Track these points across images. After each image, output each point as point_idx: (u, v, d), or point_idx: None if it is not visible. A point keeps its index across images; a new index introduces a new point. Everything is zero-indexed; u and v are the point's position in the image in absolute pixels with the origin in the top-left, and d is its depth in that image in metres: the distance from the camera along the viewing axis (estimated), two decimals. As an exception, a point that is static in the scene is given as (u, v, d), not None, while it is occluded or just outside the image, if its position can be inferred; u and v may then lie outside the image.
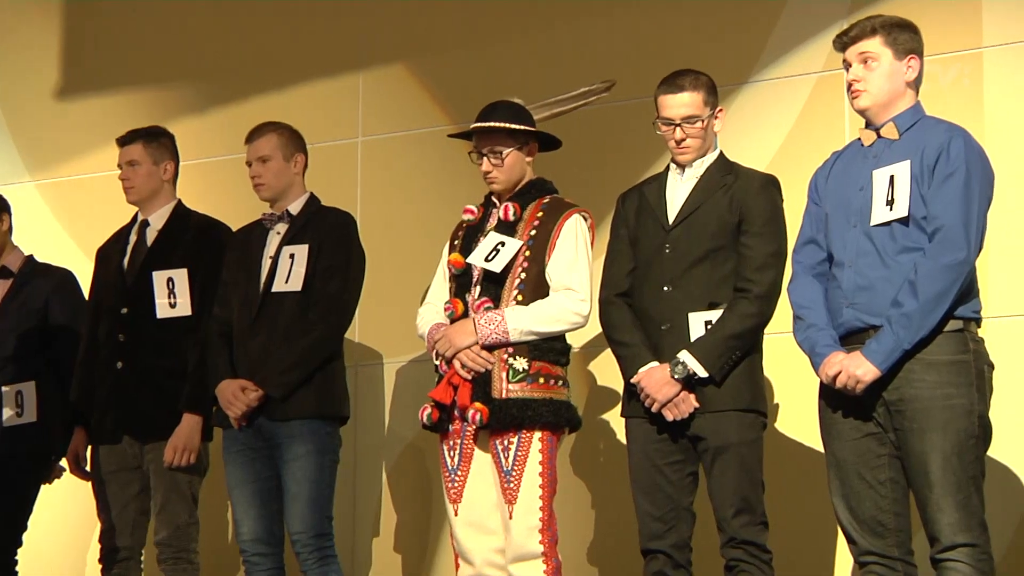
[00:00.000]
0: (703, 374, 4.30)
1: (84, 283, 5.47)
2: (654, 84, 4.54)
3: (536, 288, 4.54)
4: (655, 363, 4.36)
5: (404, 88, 6.07)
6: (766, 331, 4.41)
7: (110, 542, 5.16)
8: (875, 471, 4.01)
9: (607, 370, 5.24)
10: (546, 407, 4.48)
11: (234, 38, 6.42)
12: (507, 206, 4.62)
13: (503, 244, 4.56)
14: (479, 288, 4.59)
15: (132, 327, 5.14)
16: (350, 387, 5.07)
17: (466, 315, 4.57)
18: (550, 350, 4.54)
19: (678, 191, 4.51)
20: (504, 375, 4.49)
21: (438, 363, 4.62)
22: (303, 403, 4.85)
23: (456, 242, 4.72)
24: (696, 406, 4.32)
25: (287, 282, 4.92)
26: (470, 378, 4.51)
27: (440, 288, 4.73)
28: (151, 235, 5.28)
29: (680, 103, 4.46)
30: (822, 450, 4.16)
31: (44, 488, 5.41)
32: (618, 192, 4.67)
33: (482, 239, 4.62)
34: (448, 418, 4.58)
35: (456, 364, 4.53)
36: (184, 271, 5.14)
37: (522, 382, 4.49)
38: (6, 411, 5.27)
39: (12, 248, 5.54)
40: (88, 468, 5.27)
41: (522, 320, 4.48)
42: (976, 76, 5.11)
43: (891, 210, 4.01)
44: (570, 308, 4.51)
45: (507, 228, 4.60)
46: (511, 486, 4.45)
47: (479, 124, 4.64)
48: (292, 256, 4.95)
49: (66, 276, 5.54)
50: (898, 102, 4.13)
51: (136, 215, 5.36)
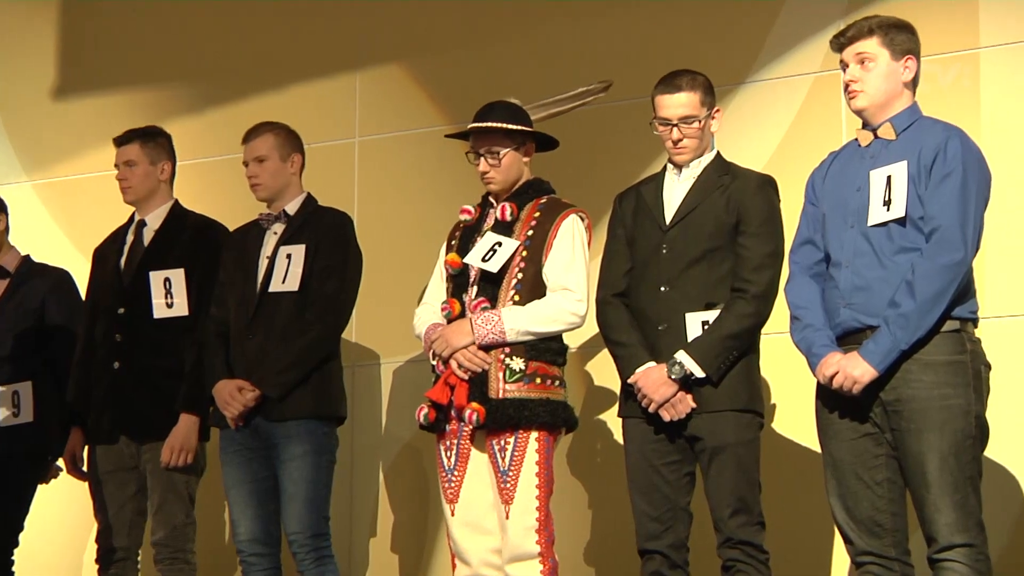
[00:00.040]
0: (700, 374, 4.30)
1: (81, 283, 5.46)
2: (651, 84, 4.54)
3: (533, 288, 4.54)
4: (652, 363, 4.36)
5: (401, 88, 6.07)
6: (763, 331, 4.41)
7: (107, 542, 5.15)
8: (872, 471, 4.01)
9: (604, 370, 5.24)
10: (543, 407, 4.48)
11: (231, 38, 6.41)
12: (504, 206, 4.62)
13: (500, 244, 4.56)
14: (476, 288, 4.58)
15: (129, 327, 5.13)
16: (347, 387, 5.06)
17: (463, 315, 4.57)
18: (547, 350, 4.54)
19: (675, 191, 4.51)
20: (501, 375, 4.49)
21: (435, 363, 4.61)
22: (300, 403, 4.84)
23: (453, 242, 4.71)
24: (693, 406, 4.32)
25: (284, 282, 4.92)
26: (467, 378, 4.51)
27: (437, 288, 4.73)
28: (148, 235, 5.27)
29: (677, 103, 4.46)
30: (819, 450, 4.16)
31: (41, 488, 5.40)
32: (615, 192, 4.67)
33: (479, 239, 4.62)
34: (445, 418, 4.57)
35: (453, 364, 4.53)
36: (181, 271, 5.14)
37: (519, 382, 4.49)
38: (3, 411, 5.26)
39: (9, 248, 5.53)
40: (85, 468, 5.27)
41: (519, 320, 4.48)
42: (973, 76, 5.12)
43: (888, 210, 4.01)
44: (567, 308, 4.51)
45: (504, 228, 4.60)
46: (508, 486, 4.45)
47: (476, 124, 4.64)
48: (289, 256, 4.95)
49: (63, 276, 5.53)
50: (895, 102, 4.13)
51: (133, 215, 5.35)
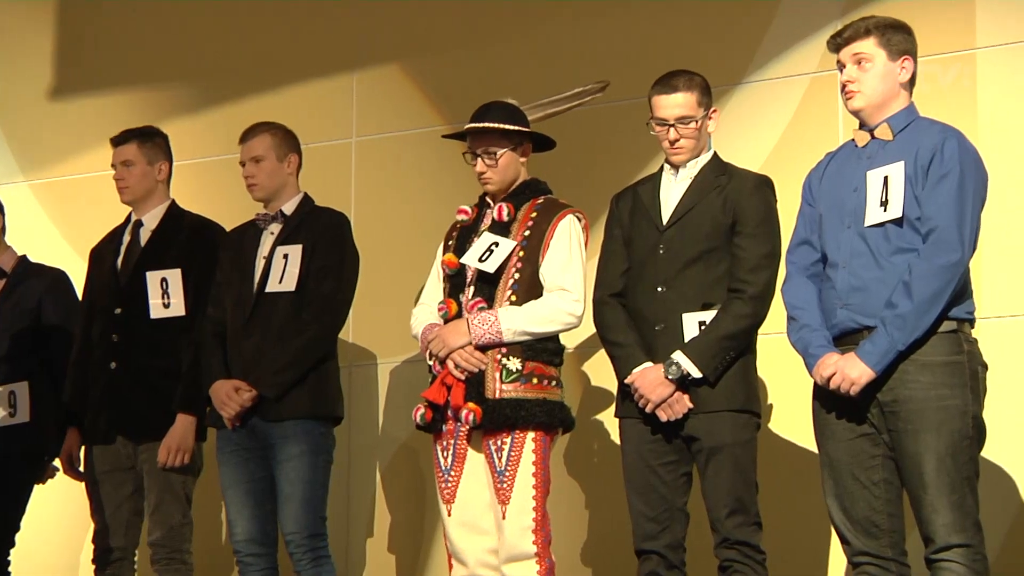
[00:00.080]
0: (697, 375, 4.30)
1: (78, 283, 5.46)
2: (648, 85, 4.54)
3: (530, 288, 4.54)
4: (649, 363, 4.36)
5: (398, 88, 6.06)
6: (760, 332, 4.41)
7: (103, 542, 5.15)
8: (869, 472, 4.01)
9: (601, 371, 5.24)
10: (539, 407, 4.48)
11: (228, 38, 6.41)
12: (501, 206, 4.62)
13: (497, 244, 4.56)
14: (473, 288, 4.58)
15: (126, 327, 5.13)
16: (344, 387, 5.06)
17: (460, 315, 4.57)
18: (543, 350, 4.53)
19: (672, 192, 4.51)
20: (497, 375, 4.49)
21: (432, 363, 4.61)
22: (297, 403, 4.84)
23: (450, 242, 4.71)
24: (690, 407, 4.32)
25: (281, 282, 4.91)
26: (464, 378, 4.51)
27: (434, 288, 4.73)
28: (145, 235, 5.27)
29: (674, 104, 4.46)
30: (816, 450, 4.16)
31: (37, 488, 5.40)
32: (612, 193, 4.67)
33: (476, 239, 4.62)
34: (441, 418, 4.57)
35: (450, 364, 4.53)
36: (178, 271, 5.13)
37: (515, 382, 4.49)
38: (-1, 411, 5.27)
39: (5, 248, 5.52)
40: (82, 468, 5.27)
41: (515, 320, 4.48)
42: (970, 77, 5.12)
43: (885, 211, 4.00)
44: (563, 308, 4.51)
45: (501, 228, 4.60)
46: (504, 486, 4.44)
47: (473, 125, 4.64)
48: (286, 256, 4.94)
49: (59, 276, 5.52)
50: (892, 103, 4.13)
51: (130, 215, 5.35)
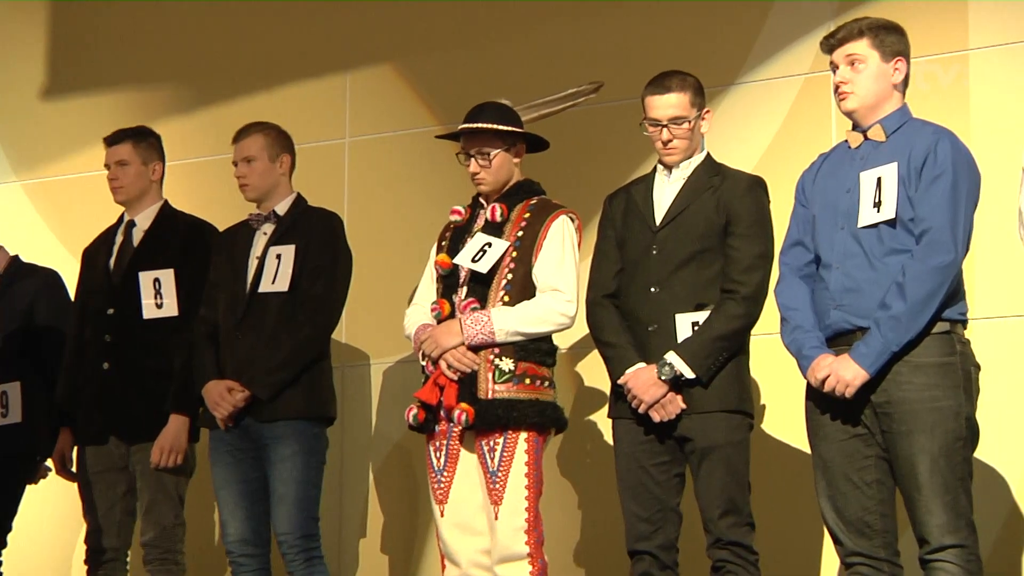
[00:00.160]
0: (690, 375, 4.30)
1: (70, 283, 5.45)
2: (642, 85, 4.54)
3: (523, 289, 4.54)
4: (642, 364, 4.36)
5: (391, 89, 6.06)
6: (753, 332, 4.41)
7: (96, 543, 5.14)
8: (861, 472, 4.01)
9: (594, 371, 5.24)
10: (532, 408, 4.48)
11: (221, 39, 6.40)
12: (494, 207, 4.62)
13: (490, 245, 4.56)
14: (466, 289, 4.58)
15: (118, 328, 5.12)
16: (337, 388, 5.06)
17: (453, 316, 4.57)
18: (536, 351, 4.53)
19: (665, 192, 4.51)
20: (490, 376, 4.49)
21: (424, 364, 4.61)
22: (290, 404, 4.84)
23: (443, 243, 4.71)
24: (683, 407, 4.32)
25: (274, 283, 4.91)
26: (456, 379, 4.51)
27: (427, 289, 4.73)
28: (137, 235, 5.26)
29: (667, 104, 4.46)
30: (808, 451, 4.16)
31: (29, 489, 5.39)
32: (605, 193, 4.67)
33: (469, 240, 4.62)
34: (434, 419, 4.57)
35: (442, 364, 4.53)
36: (171, 271, 5.13)
37: (508, 383, 4.49)
38: (-9, 411, 5.26)
39: (-3, 248, 5.53)
40: (74, 469, 5.26)
41: (508, 321, 4.48)
42: (962, 78, 5.12)
43: (878, 212, 4.01)
44: (556, 309, 4.51)
45: (494, 229, 4.60)
46: (497, 487, 4.44)
47: (467, 125, 4.64)
48: (279, 256, 4.94)
49: (52, 276, 5.51)
50: (885, 104, 4.13)
51: (122, 215, 5.34)
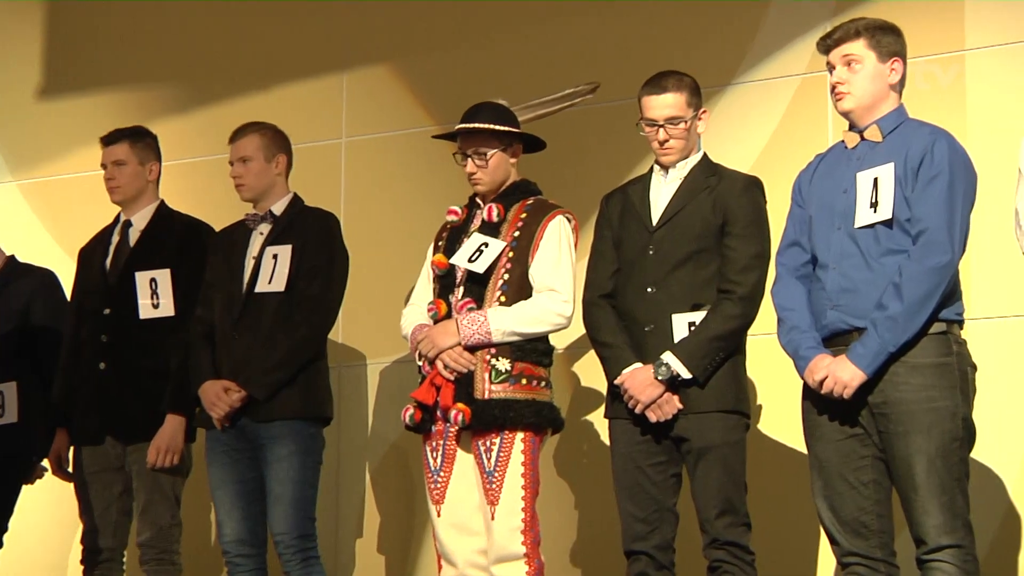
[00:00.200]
0: (687, 375, 4.30)
1: (66, 283, 5.45)
2: (638, 86, 4.54)
3: (519, 289, 4.54)
4: (639, 364, 4.36)
5: (388, 89, 6.06)
6: (749, 332, 4.41)
7: (92, 543, 5.14)
8: (858, 472, 4.02)
9: (591, 371, 5.24)
10: (528, 408, 4.48)
11: (218, 38, 6.40)
12: (491, 207, 4.62)
13: (486, 245, 4.56)
14: (462, 289, 4.58)
15: (115, 328, 5.12)
16: (333, 388, 5.05)
17: (449, 316, 4.57)
18: (533, 351, 4.53)
19: (662, 192, 4.51)
20: (487, 376, 4.49)
21: (421, 364, 4.61)
22: (286, 404, 4.84)
23: (440, 243, 4.71)
24: (679, 407, 4.32)
25: (270, 283, 4.91)
26: (453, 379, 4.51)
27: (424, 289, 4.73)
28: (134, 235, 5.26)
29: (663, 104, 4.46)
30: (805, 451, 4.16)
31: (26, 489, 5.39)
32: (602, 193, 4.67)
33: (466, 240, 4.62)
34: (431, 419, 4.57)
35: (439, 365, 4.53)
36: (167, 271, 5.12)
37: (504, 383, 4.49)
38: (-13, 412, 5.25)
39: (-7, 248, 5.53)
40: (70, 469, 5.26)
41: (505, 321, 4.48)
42: (959, 78, 5.13)
43: (875, 212, 4.01)
44: (553, 309, 4.51)
45: (491, 229, 4.60)
46: (493, 487, 4.44)
47: (463, 125, 4.64)
48: (275, 256, 4.94)
49: (48, 276, 5.50)
50: (881, 104, 4.13)
51: (119, 215, 5.33)
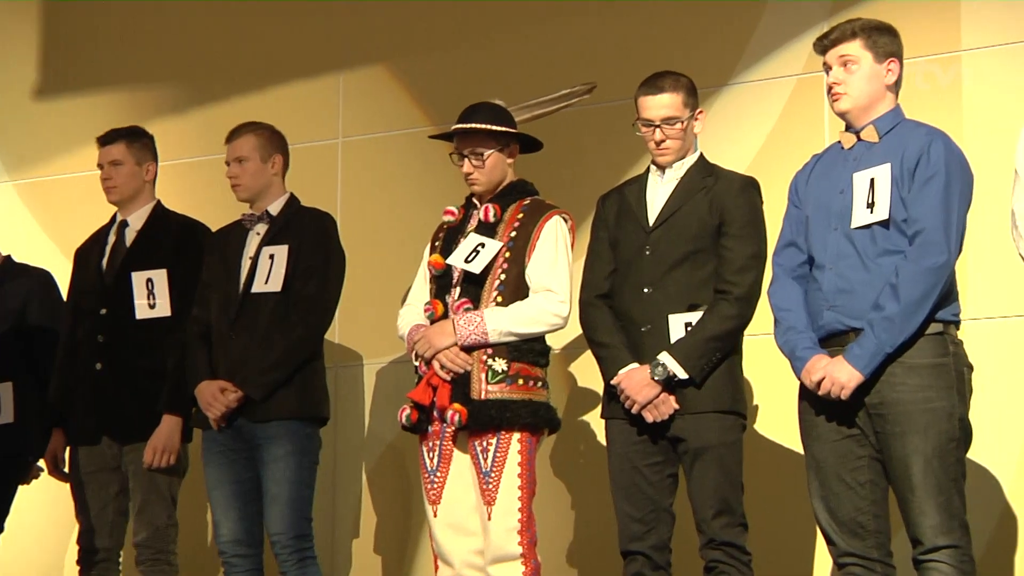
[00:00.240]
0: (683, 376, 4.30)
1: (62, 284, 5.44)
2: (635, 86, 4.54)
3: (516, 289, 4.54)
4: (635, 364, 4.36)
5: (385, 89, 6.06)
6: (746, 333, 4.42)
7: (88, 543, 5.13)
8: (855, 472, 4.02)
9: (587, 372, 5.24)
10: (525, 408, 4.48)
11: (215, 39, 6.39)
12: (488, 207, 4.62)
13: (483, 245, 4.56)
14: (459, 289, 4.58)
15: (111, 328, 5.12)
16: (330, 388, 5.05)
17: (446, 316, 4.57)
18: (529, 351, 4.53)
19: (658, 193, 4.51)
20: (483, 376, 4.49)
21: (417, 364, 4.61)
22: (283, 404, 4.84)
23: (436, 243, 4.71)
24: (676, 408, 4.32)
25: (267, 283, 4.91)
26: (449, 379, 4.51)
27: (420, 289, 4.73)
28: (130, 235, 5.25)
29: (660, 104, 4.46)
30: (802, 451, 4.16)
31: (22, 489, 5.38)
32: (598, 194, 4.67)
33: (462, 240, 4.62)
34: (427, 419, 4.57)
35: (435, 365, 4.53)
36: (163, 272, 5.12)
37: (501, 383, 4.49)
38: (-17, 412, 5.25)
39: (-10, 248, 5.52)
40: (66, 469, 5.25)
41: (501, 321, 4.48)
42: (955, 79, 5.13)
43: (871, 213, 4.01)
44: (549, 309, 4.51)
45: (487, 229, 4.60)
46: (490, 487, 4.44)
47: (460, 125, 4.64)
48: (272, 257, 4.94)
49: (44, 276, 5.50)
50: (878, 105, 4.13)
51: (115, 215, 5.33)
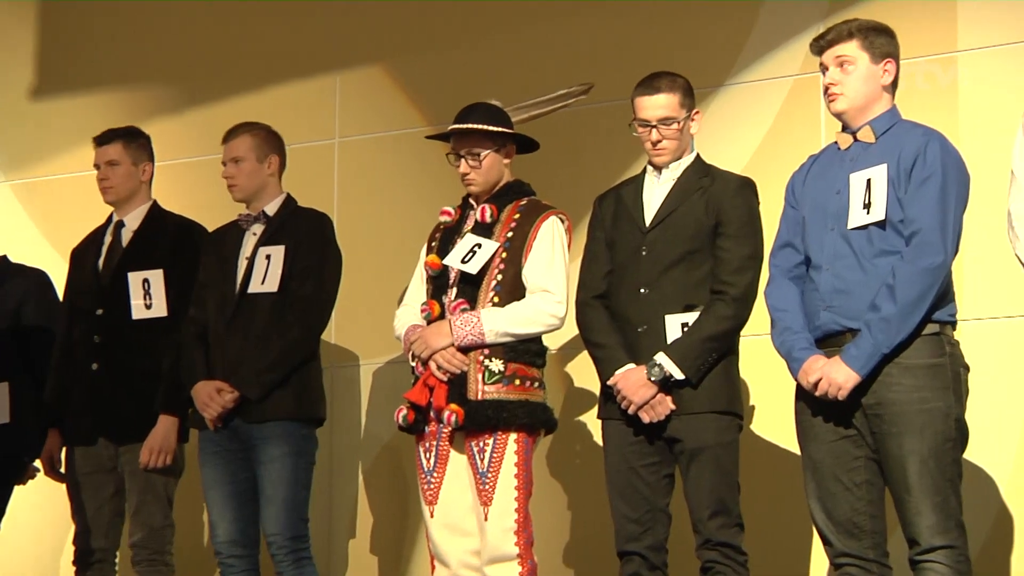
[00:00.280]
0: (679, 376, 4.30)
1: (59, 284, 5.44)
2: (632, 87, 4.54)
3: (513, 290, 4.54)
4: (631, 365, 4.36)
5: (381, 89, 6.06)
6: (743, 333, 4.42)
7: (84, 544, 5.13)
8: (851, 473, 4.02)
9: (584, 372, 5.24)
10: (521, 409, 4.48)
11: (211, 39, 6.39)
12: (484, 208, 4.62)
13: (480, 246, 4.56)
14: (456, 290, 4.58)
15: (107, 328, 5.11)
16: (326, 388, 5.05)
17: (442, 316, 4.57)
18: (526, 352, 4.53)
19: (655, 193, 4.51)
20: (480, 376, 4.49)
21: (414, 364, 4.61)
22: (279, 405, 4.84)
23: (433, 244, 4.71)
24: (672, 408, 4.32)
25: (263, 283, 4.91)
26: (446, 379, 4.51)
27: (417, 289, 4.73)
28: (126, 236, 5.25)
29: (656, 105, 4.46)
30: (798, 452, 4.16)
31: (18, 489, 5.37)
32: (595, 194, 4.67)
33: (459, 241, 4.62)
34: (424, 419, 4.57)
35: (432, 365, 4.53)
36: (160, 272, 5.12)
37: (498, 384, 4.49)
38: (-21, 412, 5.24)
39: (-14, 249, 5.52)
40: (63, 470, 5.25)
41: (498, 321, 4.48)
42: (952, 79, 5.13)
43: (868, 213, 4.01)
44: (546, 310, 4.51)
45: (484, 230, 4.60)
46: (486, 488, 4.44)
47: (457, 126, 4.64)
48: (268, 257, 4.94)
49: (40, 277, 5.49)
50: (874, 105, 4.14)
51: (111, 216, 5.33)
